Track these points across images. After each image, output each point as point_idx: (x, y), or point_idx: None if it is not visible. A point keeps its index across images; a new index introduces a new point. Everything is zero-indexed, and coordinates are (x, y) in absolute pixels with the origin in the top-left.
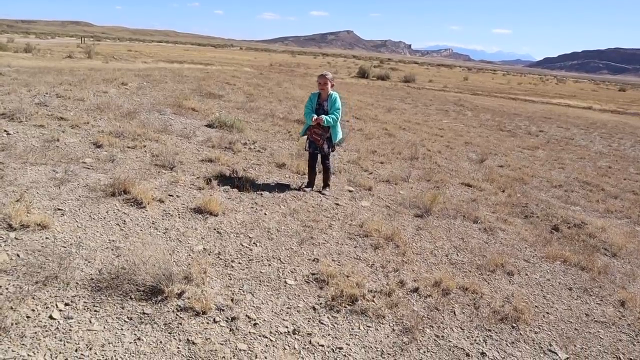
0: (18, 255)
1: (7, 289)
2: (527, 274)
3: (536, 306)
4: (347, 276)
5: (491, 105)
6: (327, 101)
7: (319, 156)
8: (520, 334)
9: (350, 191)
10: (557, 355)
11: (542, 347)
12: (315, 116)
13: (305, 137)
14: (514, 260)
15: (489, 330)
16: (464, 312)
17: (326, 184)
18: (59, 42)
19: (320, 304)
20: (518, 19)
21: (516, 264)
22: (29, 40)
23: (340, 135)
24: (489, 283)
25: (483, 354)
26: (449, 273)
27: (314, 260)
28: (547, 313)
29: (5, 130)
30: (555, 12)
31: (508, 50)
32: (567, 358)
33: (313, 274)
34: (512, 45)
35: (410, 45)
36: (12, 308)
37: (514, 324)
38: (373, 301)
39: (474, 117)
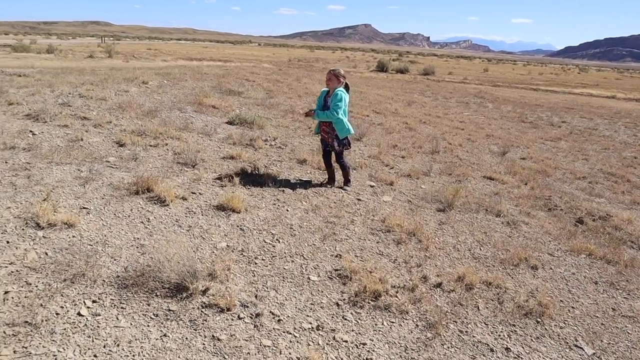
0: (46, 254)
1: (36, 286)
2: (551, 268)
3: (561, 301)
4: (370, 272)
5: (512, 96)
6: (331, 97)
7: (333, 154)
8: (545, 329)
9: (371, 186)
10: (584, 350)
11: (567, 343)
12: (312, 110)
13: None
14: (538, 254)
15: (514, 325)
16: (487, 307)
17: (347, 180)
18: (80, 42)
19: (344, 299)
20: (538, 8)
21: (540, 257)
22: (51, 41)
23: (346, 132)
24: (512, 277)
25: (507, 349)
26: (472, 268)
27: (336, 256)
28: (573, 307)
29: (30, 131)
30: None
31: (528, 40)
32: (594, 353)
33: (336, 270)
34: (533, 34)
35: (428, 38)
36: (42, 305)
37: (538, 319)
38: (396, 297)
39: (495, 109)
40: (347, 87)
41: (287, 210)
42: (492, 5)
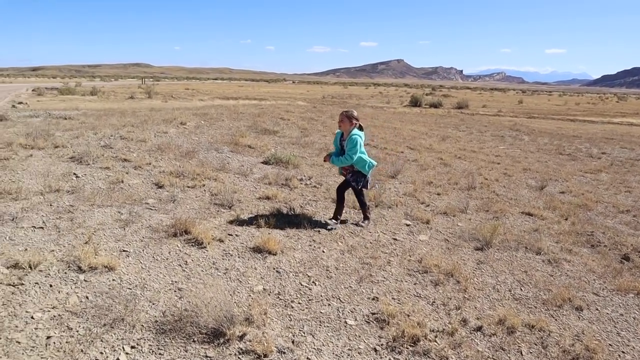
0: (87, 298)
1: (77, 331)
2: (597, 309)
3: (610, 344)
4: (408, 315)
5: (549, 128)
6: (346, 141)
7: (352, 190)
8: None
9: (407, 225)
10: None
11: None
12: (328, 155)
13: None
14: (582, 293)
15: None
16: (531, 352)
17: (365, 217)
18: (121, 83)
19: (382, 345)
20: (571, 38)
21: (585, 297)
22: (95, 83)
23: (369, 166)
24: (556, 319)
25: None
26: (514, 309)
27: (373, 298)
28: (623, 352)
29: (74, 173)
30: (611, 27)
31: (563, 70)
32: None
33: (373, 314)
34: (567, 64)
35: (461, 71)
36: (82, 351)
37: None
38: (435, 341)
39: (531, 142)
40: (360, 128)
41: (323, 252)
42: (525, 37)
